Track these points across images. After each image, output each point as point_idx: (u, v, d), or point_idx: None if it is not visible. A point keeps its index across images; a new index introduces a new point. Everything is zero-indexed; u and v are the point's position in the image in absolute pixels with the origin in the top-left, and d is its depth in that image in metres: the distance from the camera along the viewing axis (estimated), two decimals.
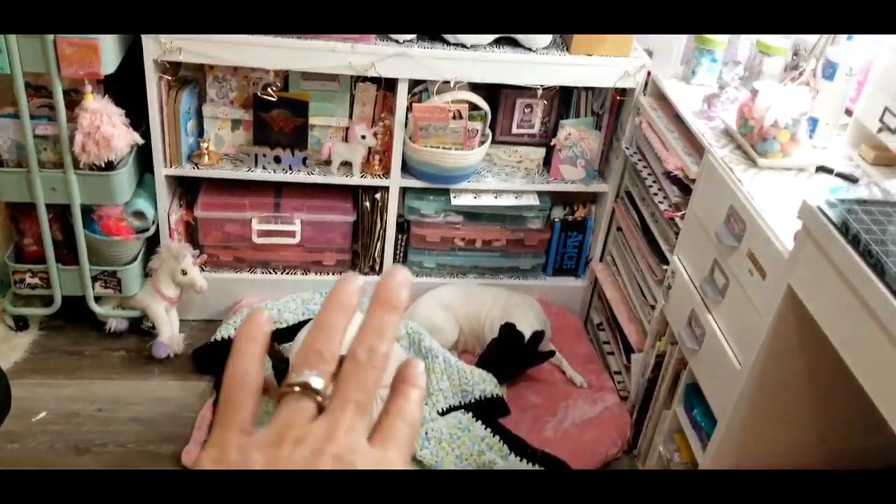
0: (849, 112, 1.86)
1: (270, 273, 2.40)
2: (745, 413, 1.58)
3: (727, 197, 1.69)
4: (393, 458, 0.41)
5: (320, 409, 0.41)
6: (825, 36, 1.93)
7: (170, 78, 2.08)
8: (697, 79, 2.08)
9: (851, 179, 1.71)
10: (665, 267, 2.00)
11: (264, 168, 2.22)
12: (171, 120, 2.11)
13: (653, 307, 2.09)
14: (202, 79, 2.17)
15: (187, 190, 2.34)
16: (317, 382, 0.41)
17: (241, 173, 2.21)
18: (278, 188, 2.33)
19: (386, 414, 0.42)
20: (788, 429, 1.65)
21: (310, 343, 0.43)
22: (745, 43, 2.07)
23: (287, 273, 2.40)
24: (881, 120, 1.69)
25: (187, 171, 2.19)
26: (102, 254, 2.14)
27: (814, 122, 1.81)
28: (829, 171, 1.73)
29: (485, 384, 2.12)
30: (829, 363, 1.40)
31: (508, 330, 2.18)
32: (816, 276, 1.36)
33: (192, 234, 2.33)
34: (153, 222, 2.19)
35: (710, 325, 1.73)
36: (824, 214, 1.32)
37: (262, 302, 2.34)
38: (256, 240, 2.30)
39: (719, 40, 2.03)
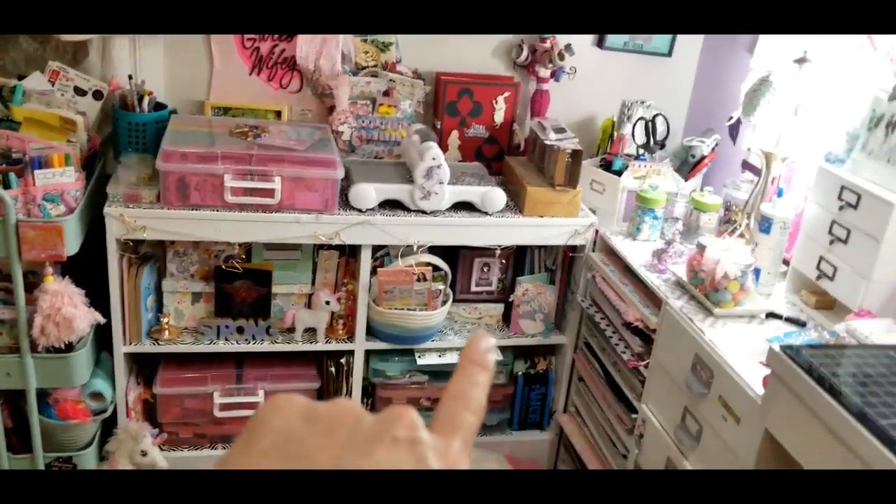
0: (784, 261, 2.01)
1: None
2: None
3: (691, 346, 1.77)
4: (457, 448, 0.38)
5: None
6: (756, 192, 2.13)
7: (132, 255, 2.08)
8: (642, 235, 2.22)
9: (800, 324, 1.83)
10: (634, 416, 2.04)
11: (227, 339, 2.20)
12: (131, 297, 2.09)
13: (624, 456, 2.11)
14: (162, 254, 2.18)
15: (143, 366, 2.29)
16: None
17: (203, 346, 2.18)
18: (239, 359, 2.31)
19: (450, 398, 0.41)
20: None
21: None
22: (682, 201, 2.24)
23: None
24: (818, 268, 1.84)
25: (147, 347, 2.15)
26: (57, 439, 2.04)
27: (756, 272, 1.95)
28: (778, 316, 1.85)
29: None
30: None
31: None
32: (791, 419, 1.43)
33: (149, 412, 2.26)
34: (111, 402, 2.11)
35: None
36: (793, 360, 1.41)
37: None
38: (218, 413, 2.23)
39: (659, 199, 2.20)
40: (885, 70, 1.72)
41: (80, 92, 2.16)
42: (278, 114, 2.39)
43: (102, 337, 2.11)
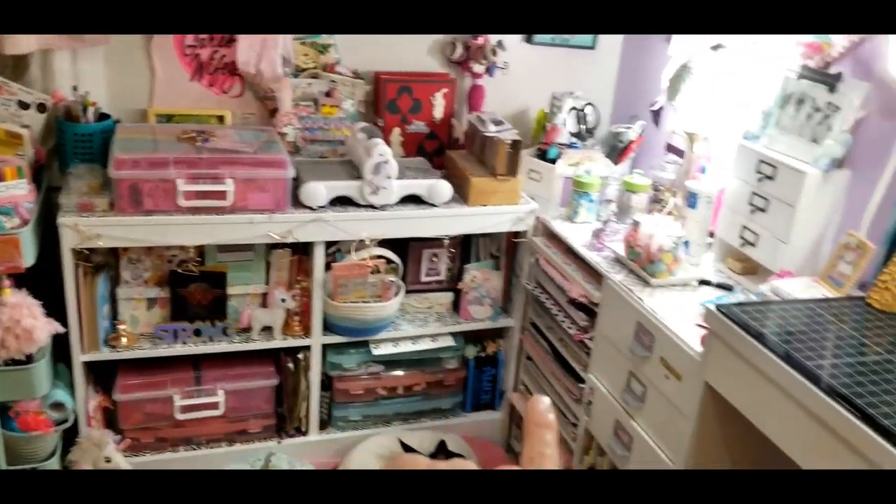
0: (710, 233, 2.18)
1: (195, 449, 2.34)
2: None
3: (632, 314, 1.91)
4: None
5: None
6: (682, 170, 2.29)
7: (87, 264, 2.09)
8: (580, 217, 2.36)
9: (727, 288, 2.00)
10: (582, 385, 2.18)
11: (184, 343, 2.23)
12: (88, 306, 2.10)
13: (575, 425, 2.25)
14: (115, 262, 2.20)
15: (101, 374, 2.30)
16: None
17: (162, 350, 2.21)
18: (196, 361, 2.34)
19: (529, 461, 0.48)
20: None
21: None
22: (615, 184, 2.39)
23: (211, 447, 2.36)
24: (741, 236, 2.01)
25: (105, 354, 2.17)
26: (19, 451, 2.03)
27: (686, 244, 2.11)
28: (708, 283, 2.01)
29: None
30: (751, 445, 1.60)
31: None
32: (728, 370, 1.58)
33: (110, 419, 2.27)
34: (72, 412, 2.12)
35: (636, 431, 1.90)
36: (728, 317, 1.56)
37: None
38: (179, 416, 2.26)
39: (594, 183, 2.34)
40: (793, 52, 1.90)
41: (23, 105, 2.16)
42: (221, 118, 2.43)
43: (57, 347, 2.11)
